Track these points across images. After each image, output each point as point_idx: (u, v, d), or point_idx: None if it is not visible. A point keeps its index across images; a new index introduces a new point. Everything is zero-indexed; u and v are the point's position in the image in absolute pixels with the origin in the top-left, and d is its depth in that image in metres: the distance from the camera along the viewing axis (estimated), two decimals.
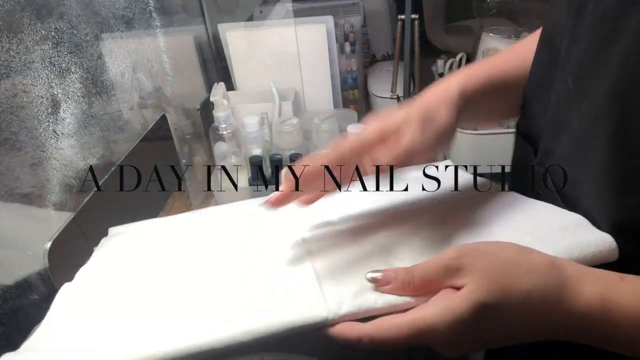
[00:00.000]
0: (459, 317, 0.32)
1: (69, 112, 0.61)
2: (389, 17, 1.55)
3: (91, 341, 0.38)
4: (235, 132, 0.96)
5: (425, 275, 0.35)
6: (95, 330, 0.39)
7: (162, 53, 0.87)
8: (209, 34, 1.14)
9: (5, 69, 0.51)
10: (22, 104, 0.54)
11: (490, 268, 0.33)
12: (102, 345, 0.37)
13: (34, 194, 0.56)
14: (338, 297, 0.36)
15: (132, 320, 0.39)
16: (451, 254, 0.34)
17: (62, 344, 0.39)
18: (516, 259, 0.34)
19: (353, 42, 1.21)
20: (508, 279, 0.33)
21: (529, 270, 0.33)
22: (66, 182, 0.60)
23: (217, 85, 0.99)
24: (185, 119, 0.97)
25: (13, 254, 0.54)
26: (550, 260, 0.34)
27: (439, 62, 1.30)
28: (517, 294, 0.32)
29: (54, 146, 0.58)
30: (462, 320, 0.32)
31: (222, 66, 1.17)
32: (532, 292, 0.32)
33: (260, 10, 1.26)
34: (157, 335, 0.36)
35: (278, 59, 1.10)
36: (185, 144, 0.94)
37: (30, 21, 0.55)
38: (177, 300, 0.41)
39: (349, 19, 1.20)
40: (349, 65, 1.24)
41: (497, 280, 0.32)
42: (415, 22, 1.04)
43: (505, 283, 0.32)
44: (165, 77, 0.89)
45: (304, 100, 1.15)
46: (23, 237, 0.55)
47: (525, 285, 0.33)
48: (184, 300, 0.41)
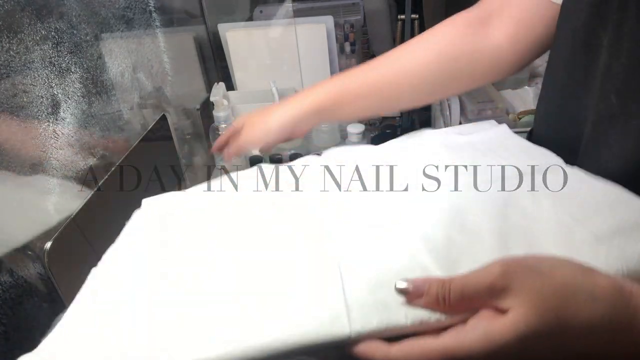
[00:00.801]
0: (501, 347, 0.27)
1: (69, 112, 0.61)
2: (389, 17, 1.54)
3: (109, 344, 0.36)
4: None
5: (465, 292, 0.29)
6: (114, 331, 0.37)
7: (162, 53, 0.87)
8: (209, 34, 1.14)
9: (5, 69, 0.51)
10: (22, 104, 0.54)
11: (545, 291, 0.28)
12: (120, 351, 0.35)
13: (34, 194, 0.56)
14: (363, 310, 0.32)
15: (153, 320, 0.37)
16: (497, 269, 0.29)
17: (81, 346, 0.37)
18: (576, 282, 0.28)
19: (353, 42, 1.21)
20: (566, 305, 0.28)
21: (592, 296, 0.28)
22: (66, 182, 0.60)
23: (217, 85, 0.99)
24: (185, 119, 0.97)
25: (13, 254, 0.54)
26: (619, 285, 0.29)
27: None
28: (578, 324, 0.27)
29: (54, 146, 0.58)
30: (506, 352, 0.27)
31: (222, 66, 1.17)
32: (595, 323, 0.28)
33: (260, 10, 1.26)
34: (179, 339, 0.35)
35: (278, 59, 1.10)
36: (185, 144, 0.94)
37: (30, 21, 0.55)
38: (199, 293, 0.39)
39: (349, 19, 1.20)
40: (349, 65, 1.24)
41: (553, 307, 0.27)
42: (415, 22, 1.04)
43: (562, 310, 0.27)
44: (165, 77, 0.89)
45: None
46: (23, 237, 0.55)
47: (587, 314, 0.28)
48: (207, 294, 0.39)
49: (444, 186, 0.44)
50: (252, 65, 1.11)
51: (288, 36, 1.07)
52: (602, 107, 0.41)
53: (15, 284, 0.53)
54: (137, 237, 0.50)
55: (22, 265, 0.54)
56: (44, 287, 0.56)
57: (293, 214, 0.47)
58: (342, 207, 0.46)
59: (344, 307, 0.33)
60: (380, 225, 0.41)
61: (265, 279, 0.39)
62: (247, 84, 1.14)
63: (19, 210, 0.55)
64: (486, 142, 0.52)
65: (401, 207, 0.44)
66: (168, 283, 0.41)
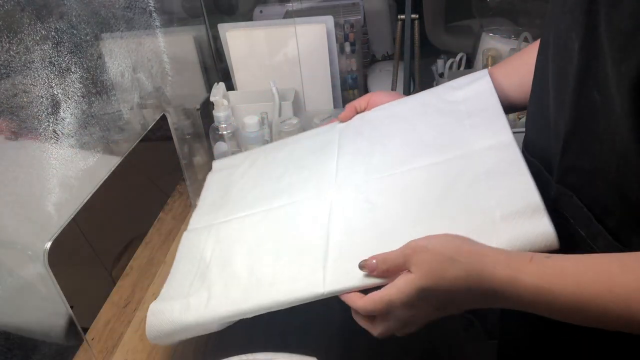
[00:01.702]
0: (406, 295, 0.47)
1: (69, 112, 0.61)
2: (389, 17, 1.55)
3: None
4: (235, 132, 0.96)
5: (391, 262, 0.49)
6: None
7: (162, 53, 0.87)
8: (209, 34, 1.14)
9: (5, 69, 0.51)
10: (22, 104, 0.54)
11: (428, 261, 0.46)
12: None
13: (33, 194, 0.56)
14: (336, 276, 0.54)
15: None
16: (407, 250, 0.48)
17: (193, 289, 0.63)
18: (446, 252, 0.46)
19: (353, 42, 1.21)
20: (438, 269, 0.45)
21: (454, 260, 0.45)
22: (66, 182, 0.60)
23: (217, 85, 0.99)
24: (185, 119, 0.97)
25: (13, 254, 0.54)
26: (474, 250, 0.46)
27: (439, 62, 1.30)
28: (444, 281, 0.45)
29: (54, 146, 0.58)
30: (409, 297, 0.47)
31: (222, 66, 1.17)
32: (457, 276, 0.45)
33: (260, 11, 1.26)
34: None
35: (278, 59, 1.10)
36: (185, 144, 0.94)
37: (30, 21, 0.55)
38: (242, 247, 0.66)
39: (349, 19, 1.20)
40: (349, 65, 1.24)
41: (431, 270, 0.46)
42: (415, 22, 1.04)
43: (435, 272, 0.46)
44: (165, 77, 0.89)
45: (304, 100, 1.15)
46: (23, 237, 0.55)
47: (451, 273, 0.45)
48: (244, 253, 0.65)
49: (411, 169, 0.63)
50: (252, 65, 1.11)
51: (288, 36, 1.07)
52: (584, 103, 0.45)
53: (16, 283, 0.53)
54: (214, 189, 0.83)
55: (22, 265, 0.55)
56: (44, 287, 0.56)
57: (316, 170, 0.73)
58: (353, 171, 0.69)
59: (322, 277, 0.55)
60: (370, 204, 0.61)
61: (281, 245, 0.63)
62: (247, 84, 1.14)
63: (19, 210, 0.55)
64: (468, 103, 0.68)
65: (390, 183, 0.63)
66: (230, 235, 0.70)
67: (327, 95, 1.14)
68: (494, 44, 1.23)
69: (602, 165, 0.45)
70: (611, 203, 0.45)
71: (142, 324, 0.65)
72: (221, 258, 0.66)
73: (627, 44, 0.38)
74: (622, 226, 0.45)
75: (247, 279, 0.60)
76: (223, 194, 0.80)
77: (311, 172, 0.73)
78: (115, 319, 0.76)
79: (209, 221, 0.75)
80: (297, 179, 0.73)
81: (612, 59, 0.40)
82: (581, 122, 0.46)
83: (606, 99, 0.42)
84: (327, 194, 0.66)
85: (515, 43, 1.19)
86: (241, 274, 0.61)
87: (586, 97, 0.44)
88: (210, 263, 0.66)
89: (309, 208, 0.66)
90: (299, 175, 0.73)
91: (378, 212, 0.59)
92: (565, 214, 0.51)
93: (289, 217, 0.67)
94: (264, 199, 0.72)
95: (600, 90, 0.42)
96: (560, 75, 0.49)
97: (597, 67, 0.42)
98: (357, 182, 0.66)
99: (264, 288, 0.57)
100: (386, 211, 0.59)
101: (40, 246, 0.54)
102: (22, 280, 0.54)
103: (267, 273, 0.59)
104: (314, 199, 0.67)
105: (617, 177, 0.43)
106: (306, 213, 0.66)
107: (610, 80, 0.40)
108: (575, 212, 0.49)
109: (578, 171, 0.48)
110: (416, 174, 0.61)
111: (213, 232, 0.71)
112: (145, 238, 0.96)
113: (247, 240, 0.67)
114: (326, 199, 0.66)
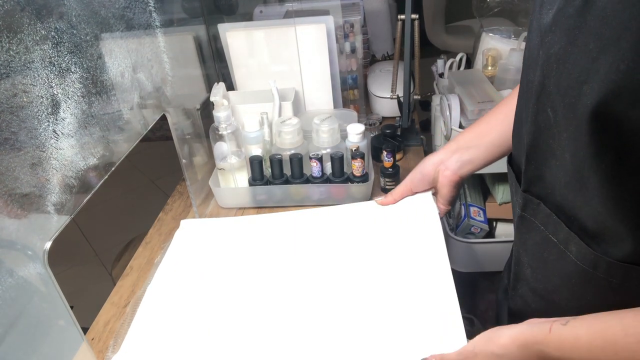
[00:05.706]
0: None
1: (69, 112, 0.61)
2: (389, 17, 1.55)
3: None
4: (235, 132, 0.96)
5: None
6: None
7: (162, 53, 0.87)
8: (209, 34, 1.14)
9: (5, 69, 0.51)
10: (22, 104, 0.54)
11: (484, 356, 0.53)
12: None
13: (33, 194, 0.56)
14: None
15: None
16: (469, 347, 0.55)
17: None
18: (484, 350, 0.53)
19: (353, 42, 1.21)
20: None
21: (496, 356, 0.51)
22: (66, 182, 0.60)
23: (217, 85, 0.99)
24: (185, 119, 0.97)
25: (13, 254, 0.54)
26: (520, 338, 0.50)
27: (439, 62, 1.30)
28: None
29: (54, 146, 0.58)
30: None
31: (222, 66, 1.17)
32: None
33: (260, 11, 1.26)
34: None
35: (278, 59, 1.10)
36: (185, 144, 0.94)
37: (30, 21, 0.55)
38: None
39: (349, 19, 1.20)
40: (349, 65, 1.24)
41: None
42: (415, 22, 1.04)
43: None
44: (165, 77, 0.89)
45: (304, 100, 1.15)
46: (23, 237, 0.55)
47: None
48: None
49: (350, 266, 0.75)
50: (252, 65, 1.11)
51: (288, 36, 1.07)
52: (541, 119, 0.47)
53: (15, 284, 0.53)
54: (182, 260, 0.82)
55: (22, 265, 0.54)
56: (44, 287, 0.56)
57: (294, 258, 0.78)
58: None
59: None
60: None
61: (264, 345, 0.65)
62: (247, 84, 1.14)
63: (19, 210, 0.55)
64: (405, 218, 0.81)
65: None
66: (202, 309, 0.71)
67: (327, 95, 1.14)
68: (494, 44, 1.23)
69: (559, 177, 0.47)
70: (578, 212, 0.47)
71: None
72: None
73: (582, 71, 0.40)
74: (590, 232, 0.46)
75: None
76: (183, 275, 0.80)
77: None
78: (115, 319, 0.76)
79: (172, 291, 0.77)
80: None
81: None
82: (539, 136, 0.48)
83: (556, 118, 0.44)
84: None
85: (515, 43, 1.19)
86: None
87: (542, 113, 0.46)
88: None
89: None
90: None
91: None
92: (535, 222, 0.53)
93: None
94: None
95: (552, 109, 0.45)
96: (526, 89, 0.51)
97: (550, 87, 0.44)
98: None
99: None
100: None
101: (40, 246, 0.54)
102: (22, 280, 0.54)
103: None
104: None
105: (575, 190, 0.45)
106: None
107: (557, 103, 0.43)
108: (544, 219, 0.52)
109: (540, 182, 0.51)
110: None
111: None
112: (145, 238, 0.96)
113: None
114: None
